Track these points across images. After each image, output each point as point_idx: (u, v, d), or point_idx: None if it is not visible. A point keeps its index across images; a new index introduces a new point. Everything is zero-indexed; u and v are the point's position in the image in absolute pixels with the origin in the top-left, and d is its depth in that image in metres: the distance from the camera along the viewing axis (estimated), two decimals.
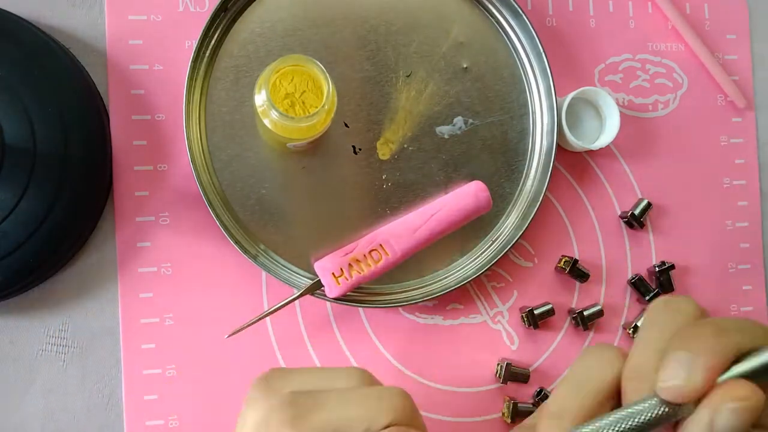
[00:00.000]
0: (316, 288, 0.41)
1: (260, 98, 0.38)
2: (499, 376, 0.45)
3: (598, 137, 0.46)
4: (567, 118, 0.45)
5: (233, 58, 0.43)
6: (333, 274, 0.41)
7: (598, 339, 0.48)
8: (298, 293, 0.40)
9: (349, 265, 0.41)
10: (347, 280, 0.40)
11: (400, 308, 0.45)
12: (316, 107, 0.38)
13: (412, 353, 0.46)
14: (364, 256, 0.41)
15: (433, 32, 0.45)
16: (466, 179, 0.45)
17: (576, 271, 0.46)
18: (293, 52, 0.43)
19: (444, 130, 0.45)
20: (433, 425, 0.45)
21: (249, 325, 0.39)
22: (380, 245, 0.41)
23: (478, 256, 0.45)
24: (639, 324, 0.47)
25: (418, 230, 0.42)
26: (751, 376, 0.23)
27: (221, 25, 0.43)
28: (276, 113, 0.37)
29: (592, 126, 0.47)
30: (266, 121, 0.38)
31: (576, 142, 0.45)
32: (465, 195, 0.43)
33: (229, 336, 0.39)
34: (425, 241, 0.42)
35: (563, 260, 0.47)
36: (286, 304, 0.40)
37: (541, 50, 0.45)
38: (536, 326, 0.46)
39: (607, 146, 0.46)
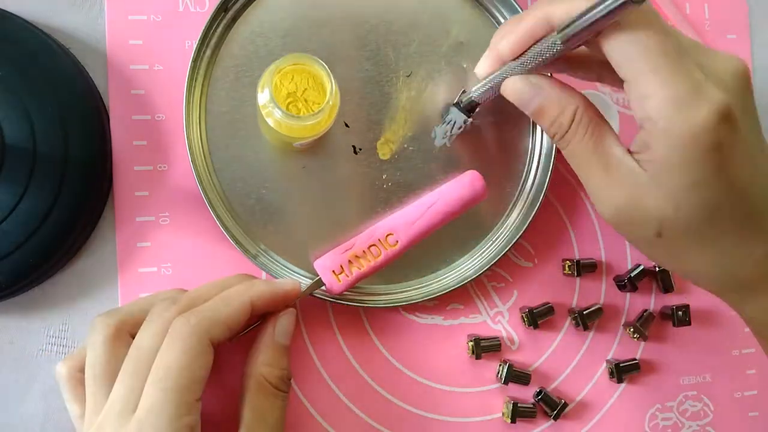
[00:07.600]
0: (317, 287, 0.41)
1: (263, 97, 0.38)
2: (500, 377, 0.45)
3: None
4: None
5: (233, 58, 0.43)
6: (333, 272, 0.40)
7: (598, 339, 0.48)
8: (299, 293, 0.40)
9: (349, 261, 0.41)
10: (348, 277, 0.40)
11: (400, 308, 0.45)
12: (319, 104, 0.38)
13: (412, 353, 0.45)
14: (364, 251, 0.41)
15: (433, 32, 0.45)
16: None
17: (583, 269, 0.47)
18: (293, 52, 0.43)
19: (443, 130, 0.45)
20: (433, 425, 0.45)
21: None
22: (379, 240, 0.41)
23: (478, 256, 0.45)
24: (639, 325, 0.47)
25: (416, 222, 0.41)
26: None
27: (221, 25, 0.43)
28: (280, 112, 0.37)
29: None
30: (269, 121, 0.38)
31: None
32: (461, 185, 0.42)
33: None
34: (424, 232, 0.42)
35: (566, 264, 0.47)
36: None
37: None
38: (536, 326, 0.46)
39: None
